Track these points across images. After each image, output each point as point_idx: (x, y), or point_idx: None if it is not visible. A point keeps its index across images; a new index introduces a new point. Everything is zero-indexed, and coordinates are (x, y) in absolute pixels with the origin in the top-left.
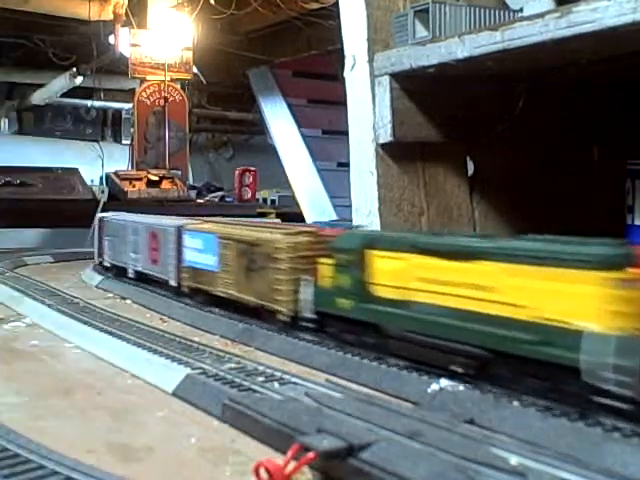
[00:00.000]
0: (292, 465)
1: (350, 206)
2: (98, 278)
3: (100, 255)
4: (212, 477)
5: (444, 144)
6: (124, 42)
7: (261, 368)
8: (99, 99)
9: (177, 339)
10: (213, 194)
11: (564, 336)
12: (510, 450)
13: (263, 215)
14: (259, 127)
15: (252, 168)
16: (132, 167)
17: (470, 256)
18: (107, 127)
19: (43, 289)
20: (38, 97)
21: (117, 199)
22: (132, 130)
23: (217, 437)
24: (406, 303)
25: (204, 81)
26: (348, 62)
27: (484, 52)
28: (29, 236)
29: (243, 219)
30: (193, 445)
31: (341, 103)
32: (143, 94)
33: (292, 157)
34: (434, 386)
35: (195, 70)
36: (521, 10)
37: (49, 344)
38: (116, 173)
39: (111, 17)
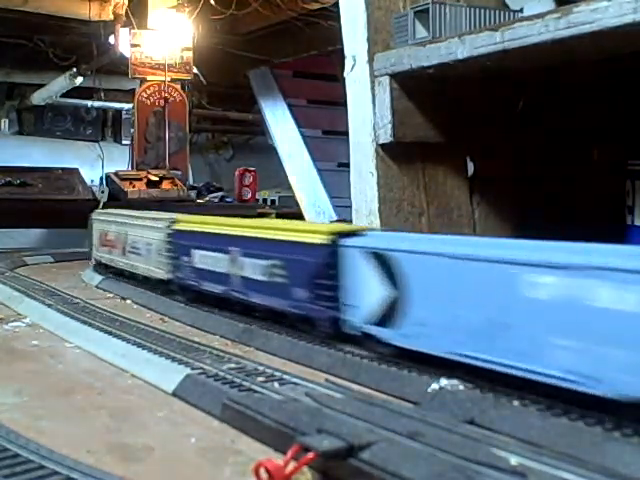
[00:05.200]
0: (292, 465)
1: (350, 206)
2: (98, 278)
3: None
4: (212, 477)
5: (444, 144)
6: (124, 42)
7: (261, 368)
8: (99, 99)
9: (177, 339)
10: (213, 194)
11: None
12: (510, 450)
13: (264, 215)
14: (259, 127)
15: (252, 168)
16: (132, 167)
17: None
18: (107, 127)
19: (43, 289)
20: (38, 97)
21: (117, 199)
22: (132, 130)
23: (217, 437)
24: None
25: (204, 81)
26: (348, 62)
27: (484, 52)
28: (29, 236)
29: None
30: (193, 445)
31: (341, 103)
32: (143, 94)
33: (292, 157)
34: (434, 386)
35: (195, 70)
36: (521, 10)
37: (49, 344)
38: (116, 173)
39: (111, 17)
